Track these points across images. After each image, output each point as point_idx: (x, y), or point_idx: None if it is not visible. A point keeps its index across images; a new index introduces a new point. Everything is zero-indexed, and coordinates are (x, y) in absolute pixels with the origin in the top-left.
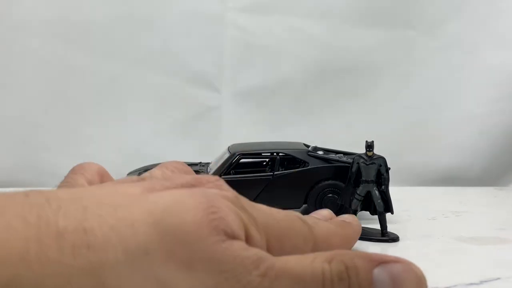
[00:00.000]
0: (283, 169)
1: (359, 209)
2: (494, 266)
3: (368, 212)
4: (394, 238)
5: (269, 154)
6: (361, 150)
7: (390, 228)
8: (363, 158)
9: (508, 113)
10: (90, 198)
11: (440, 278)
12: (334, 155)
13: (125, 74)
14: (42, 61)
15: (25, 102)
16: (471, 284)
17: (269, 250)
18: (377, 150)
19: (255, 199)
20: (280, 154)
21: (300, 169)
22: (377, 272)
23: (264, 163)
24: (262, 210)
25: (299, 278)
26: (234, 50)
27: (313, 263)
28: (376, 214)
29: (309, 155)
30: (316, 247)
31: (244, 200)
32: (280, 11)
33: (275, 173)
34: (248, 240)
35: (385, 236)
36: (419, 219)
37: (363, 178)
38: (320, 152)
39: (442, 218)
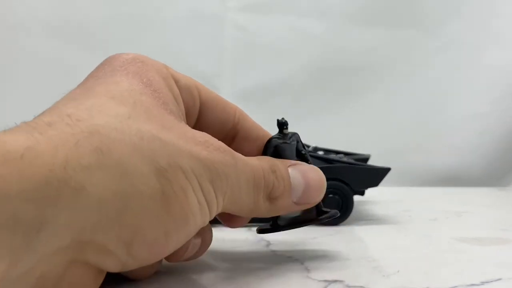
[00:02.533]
0: None
1: None
2: (495, 267)
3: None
4: (335, 214)
5: None
6: (361, 150)
7: (390, 228)
8: (281, 138)
9: (509, 113)
10: (54, 104)
11: (440, 279)
12: (334, 155)
13: None
14: (42, 61)
15: (25, 102)
16: (472, 285)
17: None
18: (377, 150)
19: None
20: None
21: None
22: (291, 169)
23: None
24: None
25: (252, 166)
26: (234, 50)
27: (256, 160)
28: None
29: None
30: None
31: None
32: (280, 10)
33: None
34: (175, 80)
35: (322, 214)
36: (420, 219)
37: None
38: (320, 152)
39: (443, 219)
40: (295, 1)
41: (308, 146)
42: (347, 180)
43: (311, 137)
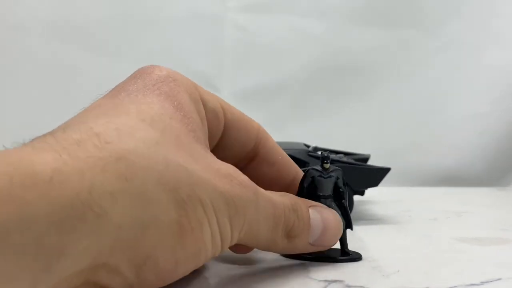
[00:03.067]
0: None
1: None
2: (495, 267)
3: None
4: (356, 258)
5: None
6: (361, 150)
7: (390, 228)
8: (319, 171)
9: (509, 113)
10: (82, 117)
11: (440, 279)
12: (334, 155)
13: (125, 74)
14: (42, 61)
15: (24, 102)
16: (472, 285)
17: None
18: (377, 150)
19: None
20: None
21: (300, 169)
22: (311, 210)
23: None
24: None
25: (274, 203)
26: (234, 50)
27: (279, 196)
28: None
29: (309, 155)
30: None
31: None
32: (280, 10)
33: None
34: (203, 103)
35: (346, 255)
36: (420, 219)
37: (320, 193)
38: (320, 152)
39: (443, 219)
40: (295, 1)
41: (308, 146)
42: (347, 180)
43: (311, 137)
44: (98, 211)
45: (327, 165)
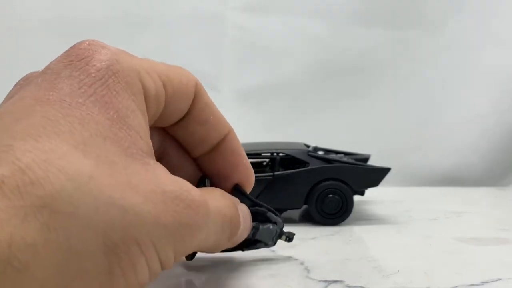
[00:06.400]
0: (283, 170)
1: None
2: (495, 267)
3: None
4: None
5: (269, 154)
6: (362, 150)
7: (390, 228)
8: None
9: (509, 113)
10: (9, 132)
11: (441, 279)
12: (334, 155)
13: None
14: (42, 61)
15: None
16: (472, 285)
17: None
18: (377, 150)
19: None
20: (280, 154)
21: (300, 169)
22: (239, 207)
23: (264, 163)
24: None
25: (223, 213)
26: (234, 50)
27: (222, 200)
28: None
29: (309, 155)
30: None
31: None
32: (281, 10)
33: (275, 173)
34: (145, 94)
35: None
36: (420, 219)
37: None
38: (321, 152)
39: (443, 219)
40: (295, 1)
41: (308, 146)
42: (347, 180)
43: (311, 137)
44: (18, 265)
45: None
